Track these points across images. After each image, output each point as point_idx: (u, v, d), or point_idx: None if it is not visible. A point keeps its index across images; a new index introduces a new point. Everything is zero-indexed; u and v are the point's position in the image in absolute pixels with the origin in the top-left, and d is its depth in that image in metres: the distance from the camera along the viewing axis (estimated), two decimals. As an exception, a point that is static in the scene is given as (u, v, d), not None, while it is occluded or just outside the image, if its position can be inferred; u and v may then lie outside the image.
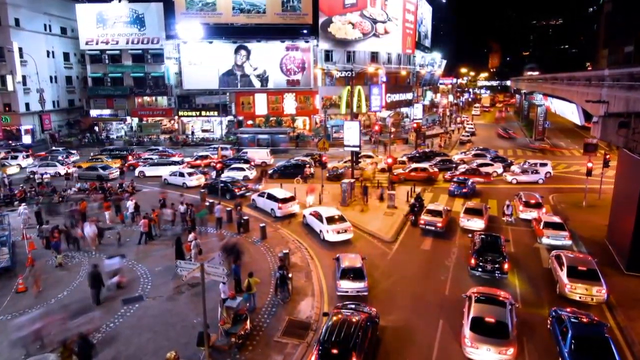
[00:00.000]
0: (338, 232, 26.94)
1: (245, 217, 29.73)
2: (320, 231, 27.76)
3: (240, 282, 20.86)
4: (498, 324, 16.32)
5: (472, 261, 22.55)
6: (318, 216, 28.30)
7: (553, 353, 16.39)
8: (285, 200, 31.93)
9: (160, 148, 60.39)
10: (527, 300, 20.39)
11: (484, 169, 43.37)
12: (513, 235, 28.54)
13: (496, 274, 22.04)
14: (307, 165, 44.61)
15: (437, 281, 22.37)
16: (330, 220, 27.41)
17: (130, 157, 53.72)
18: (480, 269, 22.33)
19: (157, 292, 21.11)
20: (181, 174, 42.71)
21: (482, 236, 24.61)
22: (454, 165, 47.07)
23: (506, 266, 22.04)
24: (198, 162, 50.48)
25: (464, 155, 52.12)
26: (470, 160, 48.34)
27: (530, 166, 44.08)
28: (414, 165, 44.85)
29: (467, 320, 16.92)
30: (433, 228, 28.54)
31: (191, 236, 24.97)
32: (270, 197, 32.68)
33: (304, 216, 30.19)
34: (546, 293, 21.10)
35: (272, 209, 32.20)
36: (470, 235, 26.46)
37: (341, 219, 27.73)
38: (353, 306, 18.05)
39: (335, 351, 14.93)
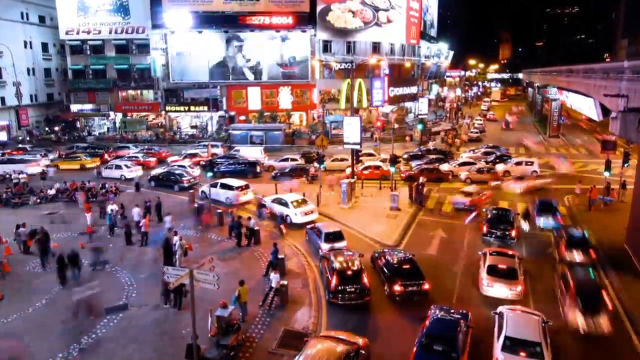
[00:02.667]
0: (305, 214, 30.95)
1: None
2: (287, 215, 31.09)
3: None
4: (509, 269, 21.65)
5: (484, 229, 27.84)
6: (282, 202, 31.89)
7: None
8: (240, 188, 35.69)
9: (138, 147, 60.11)
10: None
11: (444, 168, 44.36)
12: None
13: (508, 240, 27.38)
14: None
15: (443, 288, 22.38)
16: (296, 204, 31.29)
17: (107, 156, 53.68)
18: (492, 236, 27.73)
19: (143, 301, 21.10)
20: (118, 167, 43.94)
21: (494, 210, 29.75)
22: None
23: (514, 233, 27.35)
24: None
25: (472, 154, 52.22)
26: (477, 159, 48.46)
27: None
28: (368, 162, 45.46)
29: (483, 268, 22.16)
30: None
31: (176, 238, 24.98)
32: (225, 186, 36.06)
33: (264, 206, 32.88)
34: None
35: (227, 197, 35.24)
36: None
37: (304, 202, 31.99)
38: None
39: None
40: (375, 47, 75.10)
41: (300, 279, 23.21)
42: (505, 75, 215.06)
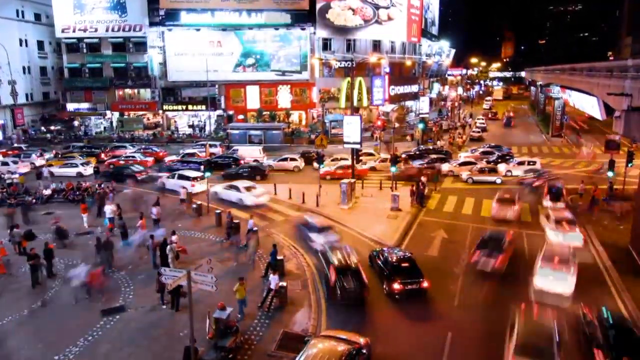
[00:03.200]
0: (257, 197, 34.88)
1: (236, 221, 29.67)
2: (240, 199, 35.12)
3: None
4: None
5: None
6: (234, 187, 36.13)
7: None
8: (196, 179, 38.43)
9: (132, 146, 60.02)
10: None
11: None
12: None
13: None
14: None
15: (444, 291, 22.36)
16: (248, 188, 35.44)
17: (103, 155, 53.65)
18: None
19: (140, 302, 21.08)
20: (73, 164, 45.16)
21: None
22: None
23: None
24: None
25: (471, 154, 52.26)
26: (477, 159, 48.43)
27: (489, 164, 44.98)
28: (342, 162, 45.71)
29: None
30: None
31: (174, 237, 25.05)
32: (182, 177, 38.88)
33: (216, 192, 36.64)
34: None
35: (183, 187, 37.11)
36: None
37: (254, 187, 36.04)
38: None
39: None
40: (376, 45, 75.13)
41: (299, 280, 23.18)
42: (508, 74, 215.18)
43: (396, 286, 21.11)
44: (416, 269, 22.03)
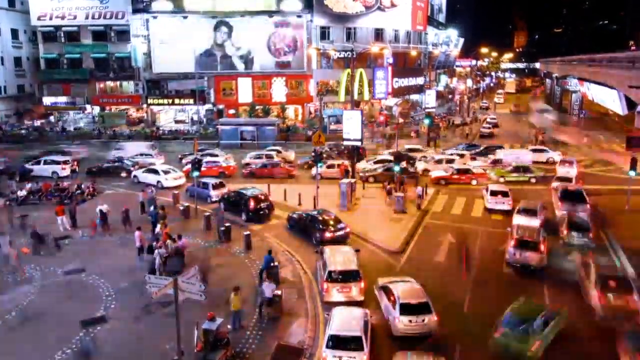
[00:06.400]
0: (174, 179, 41.22)
1: (227, 224, 29.75)
2: (158, 182, 41.05)
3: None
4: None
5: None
6: (152, 170, 42.46)
7: None
8: (166, 172, 42.37)
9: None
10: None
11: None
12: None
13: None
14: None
15: (452, 298, 22.39)
16: (166, 172, 41.90)
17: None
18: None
19: (123, 312, 21.07)
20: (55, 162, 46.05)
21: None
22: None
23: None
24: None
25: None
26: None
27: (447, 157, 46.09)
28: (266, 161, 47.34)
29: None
30: None
31: (175, 243, 25.21)
32: (152, 171, 42.93)
33: (136, 176, 43.00)
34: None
35: (158, 181, 41.43)
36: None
37: (174, 171, 42.32)
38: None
39: None
40: (378, 34, 75.20)
41: (295, 289, 23.20)
42: (521, 65, 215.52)
43: (327, 235, 27.97)
44: (339, 221, 29.22)
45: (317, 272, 24.50)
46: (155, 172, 42.31)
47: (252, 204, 32.53)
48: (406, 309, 19.13)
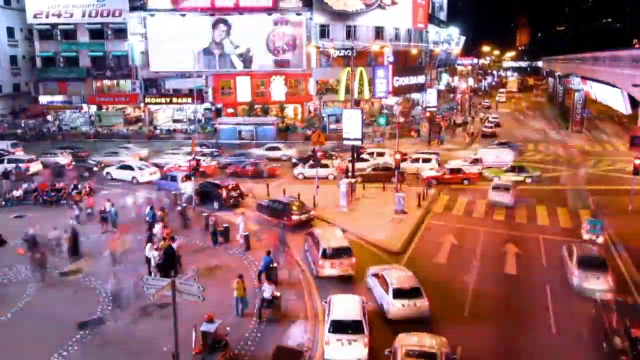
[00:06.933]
0: (150, 174, 42.59)
1: (226, 225, 29.71)
2: (134, 177, 42.50)
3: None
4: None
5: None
6: (127, 167, 43.66)
7: None
8: (141, 168, 43.81)
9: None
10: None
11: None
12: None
13: None
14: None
15: (453, 301, 22.40)
16: (140, 167, 43.65)
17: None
18: None
19: (120, 314, 21.05)
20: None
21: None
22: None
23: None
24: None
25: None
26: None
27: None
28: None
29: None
30: None
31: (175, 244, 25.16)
32: (127, 167, 44.07)
33: (109, 173, 44.22)
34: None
35: (133, 177, 42.81)
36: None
37: (148, 166, 44.26)
38: None
39: None
40: (378, 32, 75.15)
41: (294, 290, 23.19)
42: (523, 64, 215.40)
43: (294, 218, 30.59)
44: (304, 205, 32.09)
45: (304, 252, 27.15)
46: (130, 168, 43.67)
47: (224, 193, 35.53)
48: (399, 294, 20.55)
